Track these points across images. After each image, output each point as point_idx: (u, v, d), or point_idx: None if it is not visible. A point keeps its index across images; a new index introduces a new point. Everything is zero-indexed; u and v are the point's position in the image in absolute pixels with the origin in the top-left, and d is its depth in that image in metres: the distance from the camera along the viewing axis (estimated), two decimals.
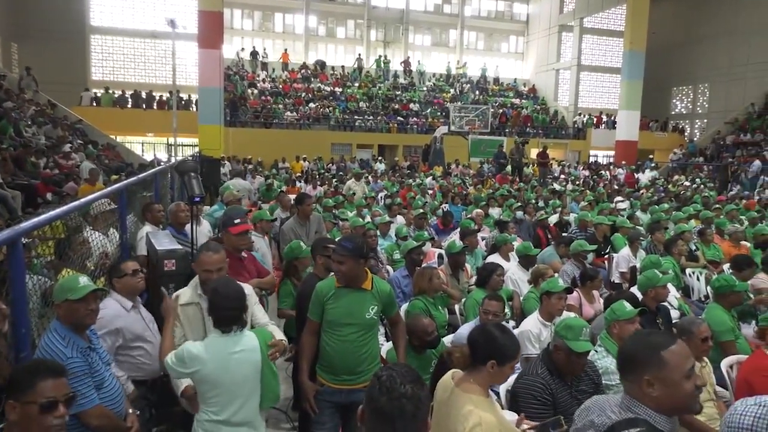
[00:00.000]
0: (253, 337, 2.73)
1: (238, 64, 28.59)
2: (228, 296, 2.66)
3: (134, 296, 3.24)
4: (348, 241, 3.09)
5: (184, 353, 2.60)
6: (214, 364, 2.58)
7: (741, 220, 8.94)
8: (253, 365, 2.67)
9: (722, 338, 3.99)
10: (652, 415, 1.72)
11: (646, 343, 1.78)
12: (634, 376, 1.76)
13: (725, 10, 26.78)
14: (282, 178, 16.36)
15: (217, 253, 3.14)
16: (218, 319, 2.66)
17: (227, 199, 7.03)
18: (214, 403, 2.63)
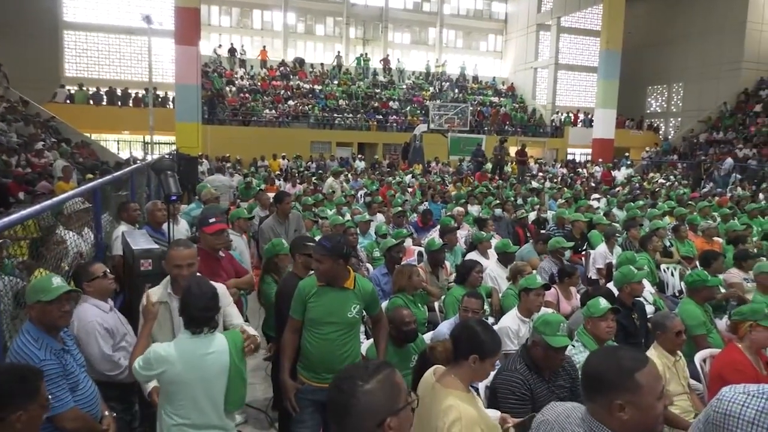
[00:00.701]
0: (224, 339, 2.69)
1: (215, 61, 28.28)
2: (201, 297, 2.61)
3: (107, 298, 3.17)
4: (327, 240, 3.08)
5: (151, 355, 2.54)
6: (183, 365, 2.53)
7: (714, 216, 9.12)
8: (222, 367, 2.62)
9: (695, 332, 4.08)
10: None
11: (618, 366, 1.62)
12: (603, 400, 1.61)
13: (698, 10, 27.30)
14: (261, 176, 16.24)
15: (187, 249, 3.10)
16: (190, 319, 2.61)
17: (205, 197, 6.96)
18: (182, 406, 2.58)
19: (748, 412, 1.57)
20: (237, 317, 3.21)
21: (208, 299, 2.63)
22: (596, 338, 3.41)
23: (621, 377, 1.60)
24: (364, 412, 1.38)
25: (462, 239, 7.59)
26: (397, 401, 1.42)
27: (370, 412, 1.38)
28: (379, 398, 1.39)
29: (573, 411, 1.78)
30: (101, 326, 2.94)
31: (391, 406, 1.40)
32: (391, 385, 1.43)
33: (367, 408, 1.38)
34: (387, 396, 1.40)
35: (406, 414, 1.43)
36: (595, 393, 1.64)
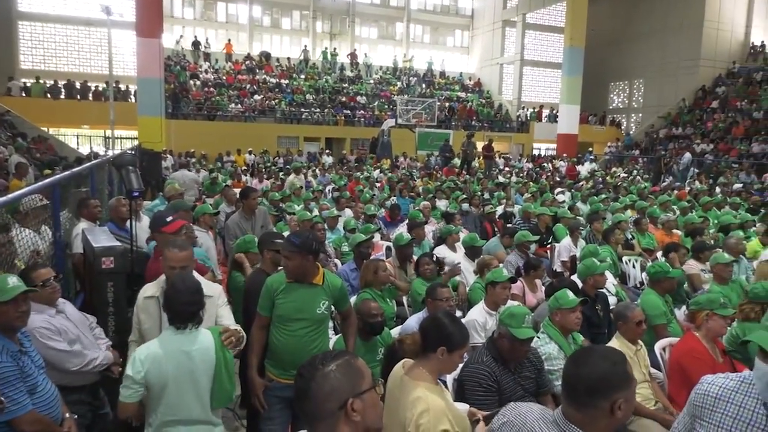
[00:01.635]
0: (209, 335, 2.68)
1: (179, 55, 27.69)
2: (184, 291, 2.60)
3: (53, 303, 2.99)
4: (296, 236, 3.06)
5: (136, 356, 2.53)
6: (169, 361, 2.53)
7: (673, 209, 9.39)
8: (208, 364, 2.62)
9: (655, 322, 4.19)
10: None
11: (615, 366, 1.60)
12: (605, 402, 1.56)
13: (657, 9, 28.00)
14: (227, 171, 16.01)
15: (182, 251, 3.06)
16: (173, 314, 2.60)
17: (169, 193, 6.81)
18: (169, 403, 2.56)
19: (713, 389, 1.74)
20: (228, 318, 3.18)
21: (191, 294, 2.62)
22: (563, 329, 3.48)
23: (624, 376, 1.59)
24: (324, 394, 1.40)
25: (430, 234, 7.63)
26: (360, 384, 1.43)
27: (330, 395, 1.40)
28: (339, 380, 1.41)
29: (538, 411, 1.76)
30: (47, 329, 2.84)
31: (353, 388, 1.41)
32: (352, 369, 1.44)
33: (327, 390, 1.40)
34: (347, 378, 1.42)
35: (371, 398, 1.44)
36: (599, 396, 1.57)
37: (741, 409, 1.65)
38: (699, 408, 1.74)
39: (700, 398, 1.75)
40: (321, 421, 1.42)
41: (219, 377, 2.65)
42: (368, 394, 1.44)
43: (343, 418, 1.40)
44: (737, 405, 1.66)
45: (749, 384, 1.68)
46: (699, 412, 1.74)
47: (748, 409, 1.63)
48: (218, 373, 2.64)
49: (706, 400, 1.73)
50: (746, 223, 7.91)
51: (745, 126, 23.43)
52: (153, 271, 3.47)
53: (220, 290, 3.23)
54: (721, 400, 1.70)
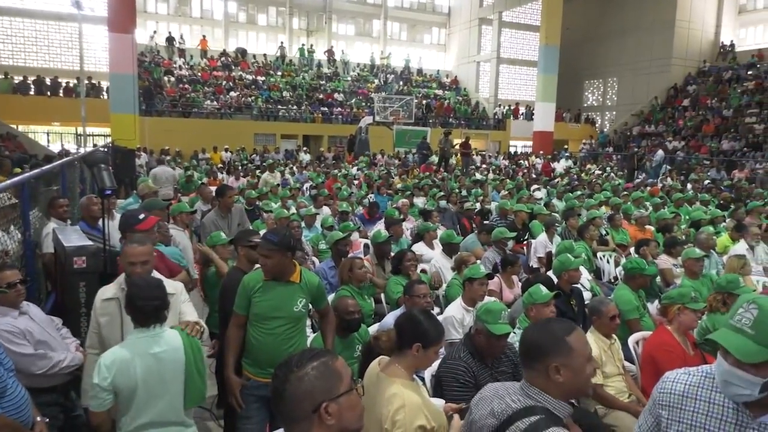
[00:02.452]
0: (176, 335, 2.64)
1: (153, 50, 27.23)
2: (145, 287, 2.55)
3: (17, 306, 2.93)
4: (274, 234, 3.04)
5: (101, 362, 2.47)
6: (137, 365, 2.47)
7: (646, 205, 9.56)
8: (177, 364, 2.58)
9: (628, 316, 4.26)
10: (552, 401, 1.75)
11: (551, 331, 1.80)
12: (540, 364, 1.76)
13: (630, 8, 28.46)
14: (203, 169, 15.83)
15: (141, 245, 3.00)
16: (136, 312, 2.55)
17: (142, 192, 6.70)
18: (140, 406, 2.52)
19: (678, 387, 1.73)
20: (191, 314, 3.13)
21: (153, 289, 2.57)
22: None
23: (555, 342, 1.76)
24: (298, 396, 1.39)
25: (408, 231, 7.65)
26: (336, 387, 1.41)
27: (304, 397, 1.38)
28: (314, 383, 1.39)
29: (510, 385, 1.93)
30: (9, 332, 2.77)
31: (328, 391, 1.39)
32: (328, 371, 1.42)
33: (301, 393, 1.39)
34: (323, 381, 1.40)
35: (348, 401, 1.42)
36: (533, 360, 1.79)
37: (711, 405, 1.65)
38: (666, 407, 1.73)
39: (666, 397, 1.75)
40: (295, 423, 1.41)
41: (190, 377, 2.61)
42: (345, 396, 1.41)
43: (317, 421, 1.39)
44: (706, 401, 1.66)
45: (713, 378, 1.69)
46: (667, 412, 1.73)
47: (717, 404, 1.65)
48: (189, 373, 2.61)
49: (672, 398, 1.73)
50: (716, 218, 8.09)
51: (715, 124, 23.99)
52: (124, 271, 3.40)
53: (182, 287, 3.16)
54: (688, 397, 1.70)
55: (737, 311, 1.55)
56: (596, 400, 3.42)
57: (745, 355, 1.49)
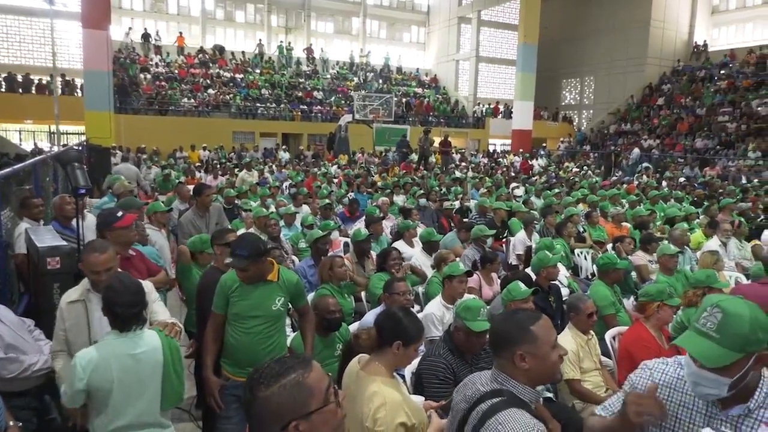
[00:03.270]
0: (155, 335, 2.59)
1: (128, 47, 26.80)
2: (124, 292, 2.49)
3: None
4: (243, 248, 2.95)
5: (77, 362, 2.41)
6: (113, 368, 2.43)
7: (622, 203, 9.69)
8: (155, 366, 2.54)
9: (605, 312, 4.32)
10: (518, 387, 1.84)
11: (516, 321, 1.89)
12: (507, 353, 1.85)
13: (606, 8, 28.86)
14: (180, 168, 15.64)
15: (104, 253, 2.86)
16: (115, 318, 2.49)
17: (118, 190, 6.58)
18: (116, 408, 2.48)
19: (657, 376, 1.79)
20: (163, 313, 3.07)
21: (133, 294, 2.51)
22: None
23: (521, 331, 1.85)
24: (266, 415, 1.33)
25: (388, 229, 7.65)
26: (306, 404, 1.34)
27: (270, 417, 1.33)
28: (282, 403, 1.33)
29: (485, 373, 2.01)
30: None
31: (297, 409, 1.33)
32: (298, 388, 1.34)
33: (269, 411, 1.33)
34: (292, 399, 1.33)
35: (321, 416, 1.36)
36: (501, 348, 1.88)
37: (684, 395, 1.70)
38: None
39: (645, 383, 1.78)
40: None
41: (168, 378, 2.58)
42: (318, 413, 1.35)
43: None
44: (680, 392, 1.71)
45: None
46: None
47: (690, 395, 1.69)
48: (167, 374, 2.57)
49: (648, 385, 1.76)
50: (690, 215, 8.24)
51: (689, 122, 24.44)
52: None
53: (151, 286, 3.10)
54: (664, 386, 1.74)
55: (702, 315, 1.57)
56: (574, 395, 3.46)
57: (709, 360, 1.52)
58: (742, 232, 6.98)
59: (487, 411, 1.79)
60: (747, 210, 8.89)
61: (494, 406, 1.79)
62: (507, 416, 1.74)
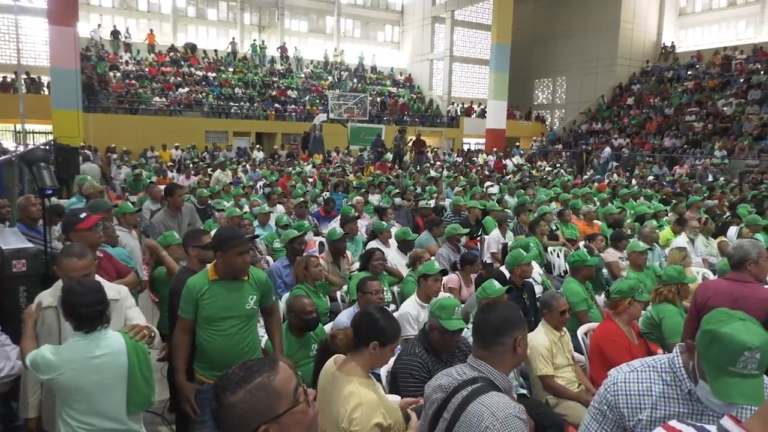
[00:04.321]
0: (119, 337, 2.54)
1: (97, 44, 26.21)
2: (85, 293, 2.45)
3: None
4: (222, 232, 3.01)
5: (38, 359, 2.39)
6: (74, 370, 2.38)
7: (594, 201, 9.86)
8: (119, 368, 2.49)
9: (577, 308, 4.39)
10: (496, 374, 1.94)
11: (514, 308, 2.08)
12: (509, 338, 1.95)
13: (577, 9, 29.29)
14: (152, 168, 15.39)
15: (82, 259, 2.80)
16: (78, 319, 2.45)
17: (87, 191, 6.44)
18: (81, 411, 2.44)
19: (635, 386, 1.78)
20: (138, 319, 3.01)
21: (93, 294, 2.47)
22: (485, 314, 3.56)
23: (520, 317, 2.02)
24: (233, 422, 1.32)
25: (363, 228, 7.65)
26: (274, 407, 1.32)
27: (238, 423, 1.31)
28: (248, 409, 1.31)
29: (459, 365, 2.09)
30: None
31: (265, 413, 1.31)
32: (265, 392, 1.32)
33: (236, 418, 1.31)
34: (259, 404, 1.31)
35: (291, 418, 1.34)
36: (502, 335, 1.96)
37: (667, 400, 1.72)
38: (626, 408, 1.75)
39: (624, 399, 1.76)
40: None
41: (134, 381, 2.53)
42: (287, 415, 1.33)
43: None
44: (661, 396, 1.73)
45: (658, 371, 1.76)
46: (628, 411, 1.75)
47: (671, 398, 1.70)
48: (132, 377, 2.53)
49: (631, 399, 1.75)
50: (659, 213, 8.43)
51: (658, 122, 24.97)
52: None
53: (126, 292, 3.05)
54: (645, 395, 1.75)
55: (739, 360, 1.51)
56: (548, 391, 3.51)
57: (763, 397, 1.53)
58: (708, 229, 7.15)
59: (468, 396, 1.87)
60: (713, 207, 9.13)
61: (475, 390, 1.87)
62: (489, 399, 1.83)
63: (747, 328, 1.54)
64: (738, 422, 1.17)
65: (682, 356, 1.77)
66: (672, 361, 1.78)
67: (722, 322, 1.58)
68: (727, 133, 21.60)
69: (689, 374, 1.72)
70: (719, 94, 24.12)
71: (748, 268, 3.31)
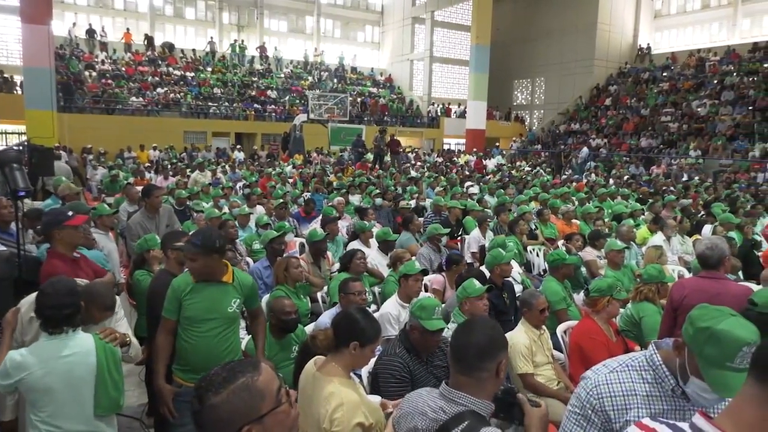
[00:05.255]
0: (89, 338, 2.52)
1: (72, 43, 25.74)
2: (54, 294, 2.43)
3: None
4: (197, 236, 2.95)
5: (8, 363, 2.36)
6: (42, 370, 2.37)
7: (572, 200, 9.97)
8: (87, 368, 2.47)
9: (556, 307, 4.43)
10: (477, 402, 1.77)
11: (494, 326, 1.88)
12: (492, 363, 1.79)
13: (556, 10, 29.62)
14: (129, 169, 15.17)
15: None
16: (44, 320, 2.43)
17: (63, 192, 6.32)
18: (49, 413, 2.41)
19: (619, 387, 1.76)
20: (124, 329, 2.98)
21: (63, 296, 2.44)
22: (471, 316, 3.58)
23: (504, 339, 1.87)
24: (216, 424, 1.31)
25: (344, 229, 7.63)
26: (257, 407, 1.33)
27: (222, 424, 1.31)
28: (232, 409, 1.31)
29: (425, 393, 1.93)
30: None
31: (249, 413, 1.31)
32: (248, 392, 1.32)
33: (219, 419, 1.31)
34: (243, 404, 1.31)
35: (274, 418, 1.35)
36: (487, 359, 1.78)
37: (650, 398, 1.72)
38: (612, 410, 1.74)
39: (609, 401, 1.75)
40: None
41: (102, 383, 2.50)
42: (270, 415, 1.34)
43: None
44: (644, 395, 1.73)
45: (638, 370, 1.77)
46: (614, 414, 1.73)
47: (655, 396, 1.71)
48: (101, 379, 2.50)
49: (615, 401, 1.74)
50: (636, 212, 8.56)
51: (634, 122, 25.36)
52: (49, 275, 3.22)
53: (119, 303, 3.04)
54: (629, 395, 1.74)
55: (738, 355, 1.51)
56: (528, 389, 3.53)
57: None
58: (684, 227, 7.29)
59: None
60: (688, 206, 9.30)
61: (469, 428, 1.67)
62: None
63: (742, 324, 1.56)
64: (709, 419, 1.19)
65: (661, 353, 1.77)
66: (650, 359, 1.78)
67: (716, 318, 1.58)
68: (702, 133, 22.02)
69: (672, 371, 1.71)
70: (694, 95, 24.58)
71: (724, 264, 3.39)
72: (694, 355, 1.61)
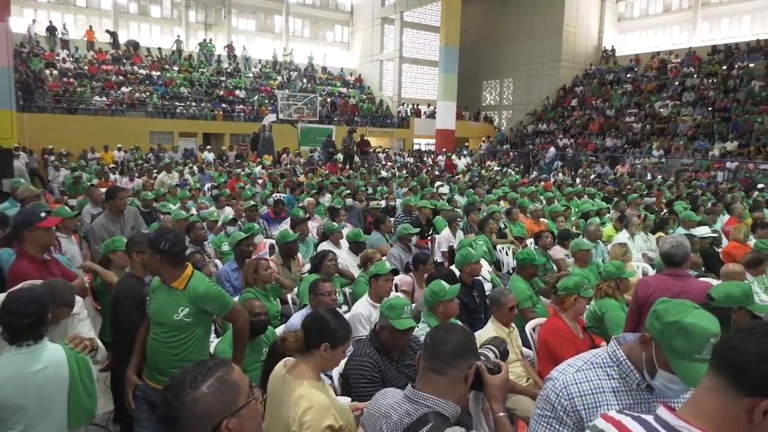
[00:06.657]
0: (59, 349, 2.42)
1: (32, 41, 24.95)
2: (17, 301, 2.32)
3: None
4: (155, 232, 2.97)
5: None
6: (11, 386, 2.25)
7: (540, 199, 10.12)
8: (60, 382, 2.37)
9: (522, 306, 4.47)
10: (442, 404, 1.77)
11: (465, 331, 1.90)
12: (464, 363, 1.80)
13: (523, 13, 30.05)
14: (93, 170, 14.80)
15: None
16: (4, 326, 2.32)
17: (22, 195, 6.13)
18: (21, 430, 2.31)
19: (587, 386, 1.76)
20: (88, 333, 2.90)
21: (25, 304, 2.32)
22: (444, 317, 3.57)
23: (472, 341, 1.88)
24: (196, 419, 1.31)
25: (314, 229, 7.59)
26: (234, 402, 1.35)
27: (202, 419, 1.31)
28: (211, 403, 1.32)
29: (390, 393, 1.95)
30: None
31: (227, 407, 1.33)
32: (226, 387, 1.35)
33: (198, 415, 1.31)
34: (220, 399, 1.33)
35: (248, 411, 1.38)
36: (460, 358, 1.80)
37: (617, 394, 1.73)
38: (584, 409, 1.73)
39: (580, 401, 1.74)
40: None
41: (76, 394, 2.42)
42: (245, 408, 1.36)
43: None
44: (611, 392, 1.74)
45: (601, 368, 1.78)
46: (586, 413, 1.73)
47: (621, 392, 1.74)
48: (74, 390, 2.42)
49: (586, 400, 1.74)
50: (601, 210, 8.73)
51: (600, 123, 25.90)
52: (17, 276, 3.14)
53: (81, 303, 2.95)
54: (598, 392, 1.75)
55: (705, 347, 1.54)
56: None
57: None
58: (647, 225, 7.46)
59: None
60: (651, 204, 9.53)
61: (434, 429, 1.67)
62: None
63: (707, 316, 1.59)
64: (672, 410, 1.22)
65: (623, 347, 1.79)
66: (614, 355, 1.79)
67: (682, 312, 1.61)
68: (664, 133, 22.63)
69: (637, 366, 1.73)
70: (656, 96, 25.23)
71: (687, 261, 3.49)
72: (662, 348, 1.63)
